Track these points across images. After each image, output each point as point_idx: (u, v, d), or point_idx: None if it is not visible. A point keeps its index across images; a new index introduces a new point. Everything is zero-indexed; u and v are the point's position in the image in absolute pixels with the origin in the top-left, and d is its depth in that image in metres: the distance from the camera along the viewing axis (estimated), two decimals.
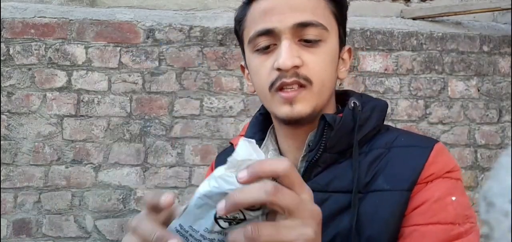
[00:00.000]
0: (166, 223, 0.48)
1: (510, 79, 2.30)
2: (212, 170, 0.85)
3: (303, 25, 0.66)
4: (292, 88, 0.66)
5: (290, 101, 0.66)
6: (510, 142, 2.28)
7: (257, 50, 0.69)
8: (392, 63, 2.24)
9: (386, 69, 2.23)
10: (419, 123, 2.24)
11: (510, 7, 2.17)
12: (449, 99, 2.27)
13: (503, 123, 2.29)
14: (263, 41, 0.67)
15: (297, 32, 0.66)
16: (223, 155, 0.85)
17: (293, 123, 0.69)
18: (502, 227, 0.23)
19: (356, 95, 0.73)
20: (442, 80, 2.27)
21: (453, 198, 0.64)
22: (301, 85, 0.66)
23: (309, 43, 0.67)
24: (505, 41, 2.32)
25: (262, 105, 0.78)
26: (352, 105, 0.70)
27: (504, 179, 0.24)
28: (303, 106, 0.67)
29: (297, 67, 0.65)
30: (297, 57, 0.65)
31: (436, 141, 0.70)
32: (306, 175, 0.68)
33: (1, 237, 1.97)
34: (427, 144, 0.70)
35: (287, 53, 0.64)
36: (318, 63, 0.67)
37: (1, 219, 1.98)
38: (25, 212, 2.01)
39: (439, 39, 2.27)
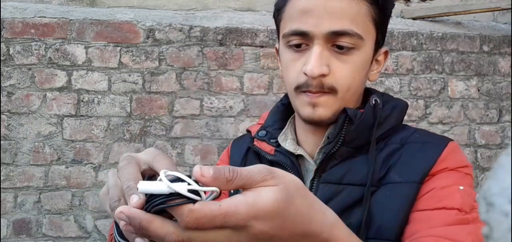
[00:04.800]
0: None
1: (510, 79, 2.30)
2: (227, 155, 0.87)
3: (338, 34, 0.66)
4: (316, 94, 0.68)
5: (313, 105, 0.69)
6: (510, 142, 2.28)
7: (290, 46, 0.70)
8: (392, 63, 2.24)
9: (386, 69, 2.23)
10: (419, 123, 2.24)
11: (510, 7, 2.17)
12: (449, 99, 2.27)
13: (503, 123, 2.29)
14: (296, 40, 0.69)
15: (331, 39, 0.67)
16: (240, 141, 0.87)
17: (313, 123, 0.71)
18: (502, 227, 0.23)
19: (378, 93, 0.75)
20: (442, 80, 2.27)
21: (461, 188, 0.65)
22: (325, 93, 0.68)
23: (341, 49, 0.67)
24: (505, 41, 2.32)
25: (285, 95, 0.81)
26: (373, 102, 0.72)
27: (504, 179, 0.24)
28: (324, 111, 0.69)
29: (324, 75, 0.67)
30: (325, 66, 0.66)
31: (451, 140, 0.72)
32: (322, 167, 0.70)
33: (1, 237, 1.97)
34: (441, 141, 0.71)
35: (315, 62, 0.66)
36: (346, 72, 0.68)
37: (1, 219, 1.98)
38: (25, 212, 2.01)
39: (439, 39, 2.27)
